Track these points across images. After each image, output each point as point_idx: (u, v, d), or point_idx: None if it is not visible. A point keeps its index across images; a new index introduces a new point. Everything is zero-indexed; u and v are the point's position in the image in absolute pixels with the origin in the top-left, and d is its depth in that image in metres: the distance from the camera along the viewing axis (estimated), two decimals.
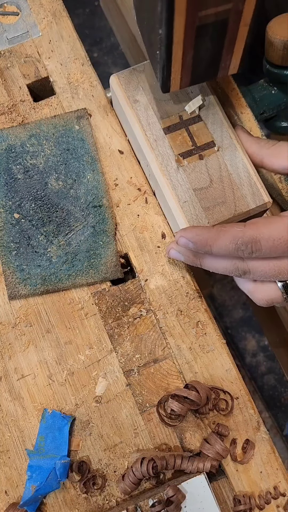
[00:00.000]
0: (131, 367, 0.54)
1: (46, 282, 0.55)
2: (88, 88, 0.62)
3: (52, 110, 0.61)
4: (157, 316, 0.55)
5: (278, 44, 0.55)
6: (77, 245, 0.56)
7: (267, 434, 0.53)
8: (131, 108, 0.55)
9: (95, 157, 0.59)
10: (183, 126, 0.54)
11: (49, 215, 0.57)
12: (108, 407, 0.53)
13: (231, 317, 1.43)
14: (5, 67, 0.63)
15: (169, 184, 0.52)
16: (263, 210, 0.53)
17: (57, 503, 0.51)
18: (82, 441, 0.52)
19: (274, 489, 0.51)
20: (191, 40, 0.42)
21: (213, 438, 0.51)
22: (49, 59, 0.63)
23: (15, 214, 0.57)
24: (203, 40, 0.43)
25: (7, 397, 0.53)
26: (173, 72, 0.46)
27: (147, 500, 0.48)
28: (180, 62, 0.45)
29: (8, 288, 0.55)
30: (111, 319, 0.55)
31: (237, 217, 0.52)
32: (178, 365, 0.54)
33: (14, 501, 0.50)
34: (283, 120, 0.65)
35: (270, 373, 1.39)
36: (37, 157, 0.59)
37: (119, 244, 0.57)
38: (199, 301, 0.55)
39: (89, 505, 0.50)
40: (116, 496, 0.51)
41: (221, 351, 0.54)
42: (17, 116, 0.61)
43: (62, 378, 0.53)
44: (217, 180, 0.53)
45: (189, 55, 0.44)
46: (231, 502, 0.51)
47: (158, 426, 0.52)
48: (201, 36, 0.42)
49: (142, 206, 0.58)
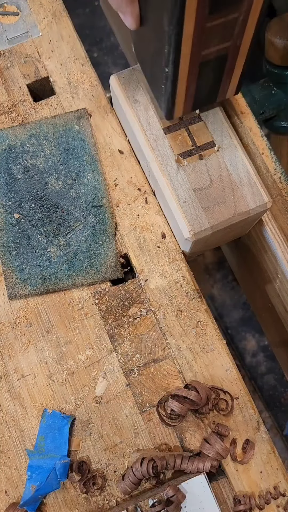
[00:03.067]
0: (131, 367, 0.54)
1: (46, 282, 0.55)
2: (88, 88, 0.62)
3: (52, 110, 0.61)
4: (157, 316, 0.55)
5: (279, 44, 0.55)
6: (77, 245, 0.56)
7: (267, 434, 0.53)
8: (131, 108, 0.55)
9: (95, 157, 0.59)
10: (183, 126, 0.54)
11: (49, 215, 0.57)
12: (108, 407, 0.53)
13: (231, 317, 1.43)
14: (5, 67, 0.63)
15: (169, 184, 0.52)
16: (263, 210, 0.53)
17: (57, 503, 0.51)
18: (82, 441, 0.52)
19: (274, 489, 0.51)
20: (194, 75, 0.45)
21: (213, 438, 0.51)
22: (49, 59, 0.63)
23: (15, 214, 0.57)
24: (205, 73, 0.46)
25: (7, 397, 0.53)
26: (177, 102, 0.48)
27: (147, 500, 0.48)
28: (184, 94, 0.47)
29: (8, 288, 0.55)
30: (111, 319, 0.55)
31: (237, 217, 0.52)
32: (178, 365, 0.54)
33: (14, 501, 0.50)
34: (283, 120, 0.65)
35: (270, 373, 1.38)
36: (37, 157, 0.59)
37: (119, 244, 0.57)
38: (199, 301, 0.55)
39: (89, 505, 0.50)
40: (116, 496, 0.51)
41: (221, 351, 0.54)
42: (17, 116, 0.61)
43: (62, 378, 0.53)
44: (217, 180, 0.53)
45: (192, 87, 0.47)
46: (231, 502, 0.51)
47: (158, 426, 0.52)
48: (203, 70, 0.45)
49: (142, 206, 0.58)
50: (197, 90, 0.47)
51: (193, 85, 0.46)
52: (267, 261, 0.61)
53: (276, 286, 0.62)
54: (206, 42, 0.41)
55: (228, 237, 0.60)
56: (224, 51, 0.44)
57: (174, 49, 0.41)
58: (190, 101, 0.49)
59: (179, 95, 0.47)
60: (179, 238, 0.55)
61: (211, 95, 0.50)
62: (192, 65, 0.43)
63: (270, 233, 0.58)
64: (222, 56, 0.45)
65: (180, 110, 0.50)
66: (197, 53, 0.42)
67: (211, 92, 0.49)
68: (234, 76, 0.48)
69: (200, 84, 0.47)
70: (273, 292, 0.65)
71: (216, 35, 0.41)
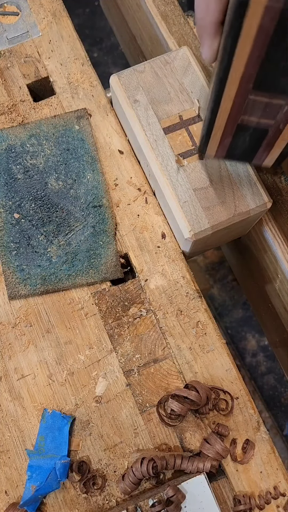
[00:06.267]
0: (131, 367, 0.54)
1: (46, 282, 0.55)
2: (88, 88, 0.62)
3: (52, 110, 0.61)
4: (157, 316, 0.55)
5: None
6: (77, 245, 0.56)
7: (267, 434, 0.53)
8: (131, 108, 0.55)
9: (95, 157, 0.59)
10: (183, 126, 0.54)
11: (49, 215, 0.57)
12: (108, 407, 0.53)
13: (231, 317, 1.43)
14: (5, 67, 0.63)
15: (169, 184, 0.52)
16: (263, 210, 0.53)
17: (57, 503, 0.51)
18: (82, 441, 0.52)
19: (274, 489, 0.51)
20: (230, 131, 0.45)
21: (213, 438, 0.51)
22: (49, 59, 0.63)
23: (15, 214, 0.57)
24: (242, 135, 0.45)
25: (7, 397, 0.53)
26: (210, 145, 0.48)
27: (147, 500, 0.48)
28: (218, 141, 0.47)
29: (8, 288, 0.55)
30: (111, 319, 0.55)
31: (237, 217, 0.52)
32: (178, 365, 0.54)
33: (14, 501, 0.50)
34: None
35: (270, 373, 1.39)
36: (37, 157, 0.59)
37: (119, 244, 0.57)
38: (199, 301, 0.55)
39: (89, 505, 0.50)
40: (116, 496, 0.51)
41: (221, 351, 0.54)
42: (17, 116, 0.61)
43: (62, 378, 0.53)
44: (217, 180, 0.53)
45: (227, 140, 0.47)
46: (231, 502, 0.51)
47: (158, 426, 0.52)
48: (240, 131, 0.45)
49: (142, 206, 0.58)
50: (232, 145, 0.47)
51: (228, 139, 0.46)
52: (267, 261, 0.61)
53: (276, 286, 0.62)
54: (247, 109, 0.41)
55: (228, 237, 0.60)
56: (265, 126, 0.43)
57: (214, 101, 0.41)
58: (223, 151, 0.49)
59: (213, 139, 0.47)
60: (179, 238, 0.55)
61: (246, 156, 0.50)
62: (229, 121, 0.43)
63: (270, 233, 0.58)
64: (263, 130, 0.44)
65: (213, 152, 0.50)
66: (235, 114, 0.42)
67: (247, 154, 0.49)
68: (273, 151, 0.47)
69: (235, 142, 0.47)
70: (273, 292, 0.65)
71: (258, 109, 0.41)
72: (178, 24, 0.65)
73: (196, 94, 0.55)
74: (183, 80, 0.56)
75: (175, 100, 0.55)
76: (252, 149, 0.48)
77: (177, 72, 0.56)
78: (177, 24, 0.65)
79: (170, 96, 0.55)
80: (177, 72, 0.56)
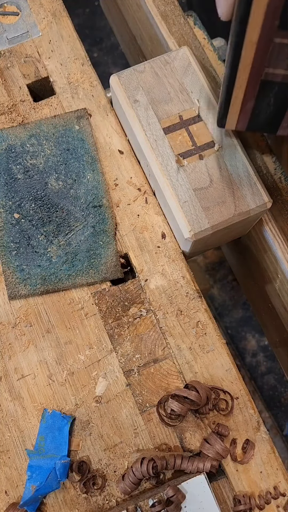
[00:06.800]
0: (131, 367, 0.54)
1: (46, 282, 0.55)
2: (88, 88, 0.62)
3: (52, 110, 0.61)
4: (157, 316, 0.55)
5: None
6: (77, 245, 0.56)
7: (267, 434, 0.53)
8: (131, 108, 0.55)
9: (95, 157, 0.59)
10: (183, 126, 0.54)
11: (49, 215, 0.57)
12: (108, 407, 0.53)
13: (231, 317, 1.43)
14: (5, 67, 0.63)
15: (169, 184, 0.52)
16: (263, 210, 0.53)
17: (57, 503, 0.51)
18: (82, 441, 0.52)
19: (274, 489, 0.51)
20: (253, 90, 0.41)
21: (213, 438, 0.51)
22: (49, 59, 0.63)
23: (15, 214, 0.57)
24: (266, 95, 0.41)
25: (7, 397, 0.53)
26: (231, 113, 0.45)
27: (147, 500, 0.48)
28: (239, 106, 0.43)
29: (8, 288, 0.55)
30: (111, 319, 0.55)
31: (237, 217, 0.52)
32: (178, 365, 0.54)
33: (14, 501, 0.50)
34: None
35: (270, 373, 1.39)
36: (37, 157, 0.59)
37: (119, 244, 0.57)
38: (199, 301, 0.55)
39: (89, 505, 0.50)
40: (116, 496, 0.51)
41: (221, 351, 0.54)
42: (17, 116, 0.61)
43: (62, 378, 0.53)
44: (217, 180, 0.53)
45: (250, 104, 0.43)
46: (231, 502, 0.51)
47: (158, 426, 0.52)
48: (264, 90, 0.41)
49: (142, 206, 0.58)
50: (254, 109, 0.43)
51: (250, 103, 0.42)
52: (267, 261, 0.61)
53: (276, 286, 0.62)
54: (271, 59, 0.37)
55: (228, 237, 0.60)
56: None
57: (233, 50, 0.37)
58: (245, 119, 0.45)
59: (234, 105, 0.43)
60: (179, 238, 0.55)
61: (270, 124, 0.45)
62: (252, 77, 0.39)
63: (270, 233, 0.58)
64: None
65: (233, 123, 0.46)
66: (259, 66, 0.38)
67: (271, 121, 0.44)
68: None
69: (259, 106, 0.42)
70: (273, 292, 0.65)
71: (285, 57, 0.36)
72: (178, 24, 0.65)
73: (196, 94, 0.55)
74: (183, 80, 0.56)
75: (175, 100, 0.55)
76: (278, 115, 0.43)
77: (177, 72, 0.56)
78: (177, 24, 0.65)
79: (170, 96, 0.55)
80: (177, 72, 0.56)
